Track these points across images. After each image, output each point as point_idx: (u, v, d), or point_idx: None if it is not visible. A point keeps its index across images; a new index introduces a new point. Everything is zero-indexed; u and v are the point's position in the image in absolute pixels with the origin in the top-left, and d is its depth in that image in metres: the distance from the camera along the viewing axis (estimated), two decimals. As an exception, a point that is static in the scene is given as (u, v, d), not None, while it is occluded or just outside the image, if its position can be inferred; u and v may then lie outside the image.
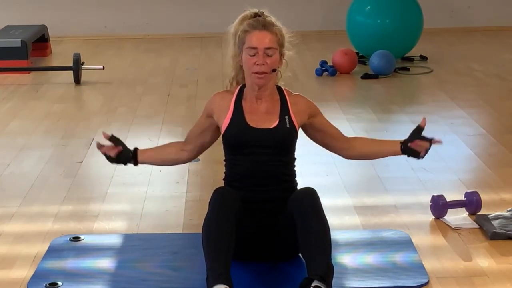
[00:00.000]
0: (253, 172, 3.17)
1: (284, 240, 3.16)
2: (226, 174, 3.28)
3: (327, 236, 3.01)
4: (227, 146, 3.25)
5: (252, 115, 3.20)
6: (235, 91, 3.26)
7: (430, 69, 6.98)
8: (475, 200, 3.75)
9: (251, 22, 3.20)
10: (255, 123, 3.18)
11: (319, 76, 6.78)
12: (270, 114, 3.20)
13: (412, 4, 7.20)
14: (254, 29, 3.18)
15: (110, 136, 3.36)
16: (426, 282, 3.10)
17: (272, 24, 3.22)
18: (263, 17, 3.24)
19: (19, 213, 3.90)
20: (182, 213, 3.85)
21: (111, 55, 7.90)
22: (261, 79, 3.15)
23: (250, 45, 3.15)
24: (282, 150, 3.20)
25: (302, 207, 3.06)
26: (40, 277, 3.17)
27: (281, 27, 3.25)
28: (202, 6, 8.80)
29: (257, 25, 3.19)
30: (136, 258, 3.35)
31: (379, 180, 4.25)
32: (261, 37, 3.15)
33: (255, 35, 3.16)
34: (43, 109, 5.86)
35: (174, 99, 6.11)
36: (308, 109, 3.27)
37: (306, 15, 8.81)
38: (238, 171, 3.21)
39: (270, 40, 3.16)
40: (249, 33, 3.17)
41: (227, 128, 3.19)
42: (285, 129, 3.19)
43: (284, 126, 3.19)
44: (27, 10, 8.61)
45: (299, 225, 3.02)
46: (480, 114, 5.58)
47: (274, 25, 3.22)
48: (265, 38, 3.15)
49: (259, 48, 3.14)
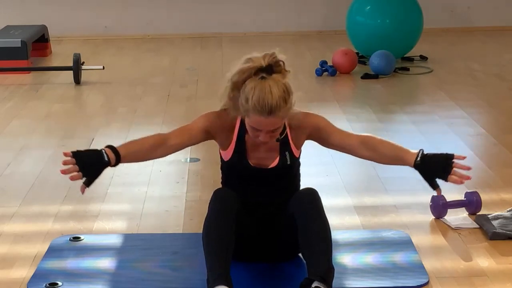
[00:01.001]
0: (253, 196, 3.16)
1: (284, 241, 3.16)
2: (223, 180, 3.27)
3: (328, 236, 3.01)
4: (225, 170, 3.21)
5: (253, 152, 3.12)
6: (237, 122, 3.11)
7: (430, 69, 6.98)
8: (475, 200, 3.75)
9: (256, 106, 2.89)
10: (256, 161, 3.11)
11: (319, 76, 6.78)
12: (271, 151, 3.10)
13: (412, 4, 7.20)
14: (260, 115, 2.90)
15: (73, 152, 3.05)
16: (426, 282, 3.10)
17: (279, 107, 2.90)
18: (269, 84, 2.90)
19: (19, 213, 3.90)
20: (182, 213, 3.85)
21: (111, 55, 7.90)
22: (264, 144, 3.09)
23: (254, 126, 2.97)
24: (283, 182, 3.17)
25: (303, 207, 3.06)
26: (40, 277, 3.17)
27: (290, 103, 2.94)
28: (202, 6, 8.80)
29: (262, 112, 2.89)
30: (136, 258, 3.34)
31: (379, 180, 4.25)
32: (266, 123, 2.93)
33: (260, 120, 2.92)
34: (43, 109, 5.86)
35: (174, 99, 6.11)
36: (309, 128, 3.13)
37: (306, 15, 8.81)
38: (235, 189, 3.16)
39: (276, 123, 2.94)
40: (254, 115, 2.92)
41: (229, 160, 3.14)
42: (286, 166, 3.12)
43: (285, 164, 3.11)
44: (27, 10, 8.61)
45: (300, 226, 3.02)
46: (480, 114, 5.58)
47: (282, 107, 2.91)
48: (270, 125, 2.93)
49: (263, 130, 2.96)
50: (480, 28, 8.79)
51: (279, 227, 3.14)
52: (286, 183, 3.18)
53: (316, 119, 3.17)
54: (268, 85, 2.89)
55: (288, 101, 2.92)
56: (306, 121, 3.13)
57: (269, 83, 2.90)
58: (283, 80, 2.93)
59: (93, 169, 3.02)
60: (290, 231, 3.07)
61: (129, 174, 4.36)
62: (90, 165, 3.01)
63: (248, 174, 3.13)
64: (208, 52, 7.99)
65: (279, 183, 3.16)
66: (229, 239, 2.98)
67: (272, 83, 2.90)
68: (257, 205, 3.16)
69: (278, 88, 2.90)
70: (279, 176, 3.15)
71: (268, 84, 2.89)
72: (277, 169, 3.13)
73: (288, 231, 3.09)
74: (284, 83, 2.93)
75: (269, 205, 3.17)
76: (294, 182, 3.23)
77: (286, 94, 2.92)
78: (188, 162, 4.56)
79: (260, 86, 2.89)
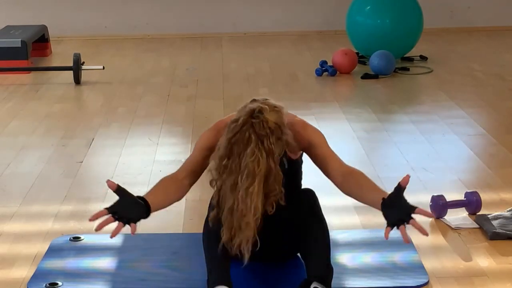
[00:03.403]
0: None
1: (284, 241, 3.15)
2: None
3: (326, 237, 3.01)
4: None
5: None
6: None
7: (430, 69, 6.98)
8: (475, 200, 3.75)
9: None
10: None
11: (319, 76, 6.78)
12: None
13: (412, 4, 7.20)
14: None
15: (117, 188, 2.89)
16: (426, 282, 3.10)
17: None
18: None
19: (19, 213, 3.90)
20: (182, 213, 3.85)
21: (111, 55, 7.90)
22: None
23: None
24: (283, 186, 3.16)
25: (301, 208, 3.06)
26: (40, 277, 3.17)
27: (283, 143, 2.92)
28: (202, 6, 8.80)
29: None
30: (136, 258, 3.35)
31: (379, 180, 4.24)
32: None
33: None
34: (43, 109, 5.86)
35: (174, 99, 6.11)
36: (301, 143, 3.08)
37: (306, 15, 8.81)
38: None
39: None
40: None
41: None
42: (284, 170, 3.02)
43: (283, 168, 3.03)
44: (27, 10, 8.62)
45: (298, 227, 3.02)
46: (480, 114, 5.58)
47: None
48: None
49: None
50: (480, 28, 8.79)
51: (278, 228, 3.14)
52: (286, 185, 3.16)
53: (313, 135, 3.11)
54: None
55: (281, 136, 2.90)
56: (302, 134, 3.08)
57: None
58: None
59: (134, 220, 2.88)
60: (289, 232, 3.07)
61: (129, 174, 4.37)
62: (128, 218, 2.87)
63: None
64: (208, 52, 7.99)
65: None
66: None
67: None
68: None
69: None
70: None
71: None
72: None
73: (288, 232, 3.09)
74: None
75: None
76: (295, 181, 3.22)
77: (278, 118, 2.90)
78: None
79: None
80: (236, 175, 2.85)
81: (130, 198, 2.88)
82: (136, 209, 2.87)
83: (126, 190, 2.88)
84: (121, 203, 2.87)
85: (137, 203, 2.87)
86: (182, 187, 3.08)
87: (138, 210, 2.87)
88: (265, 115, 2.89)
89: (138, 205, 2.87)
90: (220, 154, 2.90)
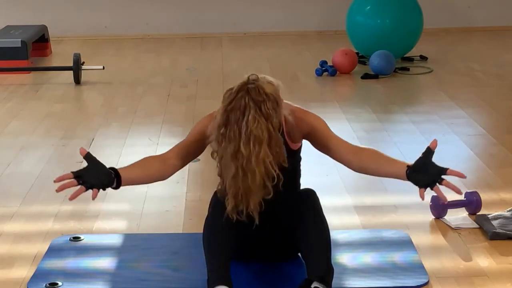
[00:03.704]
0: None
1: (284, 241, 3.15)
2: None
3: (327, 237, 3.01)
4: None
5: None
6: None
7: (430, 69, 6.98)
8: (475, 200, 3.75)
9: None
10: None
11: (319, 76, 6.78)
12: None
13: (412, 4, 7.20)
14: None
15: (86, 154, 2.91)
16: (426, 282, 3.10)
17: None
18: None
19: (19, 213, 3.90)
20: (182, 213, 3.85)
21: (111, 55, 7.90)
22: None
23: None
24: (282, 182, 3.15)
25: (302, 208, 3.06)
26: (40, 277, 3.17)
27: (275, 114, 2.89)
28: (202, 6, 8.80)
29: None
30: (136, 258, 3.35)
31: (379, 180, 4.24)
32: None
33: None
34: (43, 109, 5.86)
35: (174, 99, 6.11)
36: (305, 128, 3.09)
37: (306, 15, 8.81)
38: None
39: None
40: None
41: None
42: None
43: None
44: (27, 10, 8.61)
45: (299, 226, 3.02)
46: (480, 114, 5.58)
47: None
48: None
49: None
50: (480, 28, 8.79)
51: (278, 227, 3.14)
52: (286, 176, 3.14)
53: (314, 120, 3.13)
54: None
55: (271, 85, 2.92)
56: (303, 121, 3.09)
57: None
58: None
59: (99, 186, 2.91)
60: (289, 231, 3.07)
61: (129, 174, 4.36)
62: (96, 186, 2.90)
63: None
64: (208, 52, 7.99)
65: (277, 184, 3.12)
66: (229, 239, 2.98)
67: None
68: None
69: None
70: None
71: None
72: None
73: (288, 231, 3.09)
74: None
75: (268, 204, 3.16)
76: (294, 179, 3.21)
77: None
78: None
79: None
80: (236, 142, 2.85)
81: (99, 166, 2.90)
82: (102, 177, 2.89)
83: (97, 159, 2.91)
84: (89, 169, 2.89)
85: (105, 172, 2.90)
86: (166, 166, 3.07)
87: (105, 178, 2.89)
88: (260, 83, 2.89)
89: (106, 173, 2.90)
90: (218, 123, 2.90)
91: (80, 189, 2.87)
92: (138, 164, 3.07)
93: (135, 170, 3.03)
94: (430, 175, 2.89)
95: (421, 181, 2.89)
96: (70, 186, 2.88)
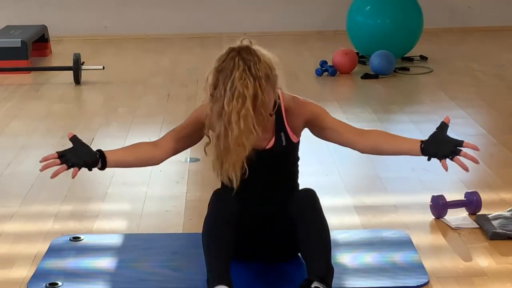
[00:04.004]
0: (250, 186, 3.10)
1: (284, 240, 3.15)
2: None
3: (327, 237, 3.00)
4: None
5: None
6: None
7: (430, 69, 6.98)
8: (475, 200, 3.75)
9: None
10: None
11: (319, 76, 6.78)
12: (265, 132, 3.03)
13: (412, 4, 7.20)
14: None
15: (72, 136, 3.01)
16: (426, 282, 3.10)
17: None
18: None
19: (19, 213, 3.90)
20: (182, 213, 3.85)
21: (111, 55, 7.90)
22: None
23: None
24: (280, 166, 3.15)
25: (302, 208, 3.05)
26: (40, 277, 3.17)
27: (267, 68, 2.93)
28: (202, 6, 8.80)
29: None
30: (136, 258, 3.34)
31: (379, 180, 4.25)
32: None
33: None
34: (43, 109, 5.86)
35: (174, 99, 6.11)
36: (305, 114, 3.12)
37: (306, 15, 8.81)
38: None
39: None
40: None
41: None
42: (281, 148, 3.08)
43: (280, 145, 3.07)
44: (27, 10, 8.61)
45: (299, 226, 3.02)
46: (480, 114, 5.58)
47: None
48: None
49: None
50: (480, 28, 8.79)
51: (278, 227, 3.14)
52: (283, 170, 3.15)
53: (314, 106, 3.16)
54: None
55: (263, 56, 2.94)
56: (303, 107, 3.12)
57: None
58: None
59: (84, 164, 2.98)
60: (289, 231, 3.07)
61: (129, 174, 4.36)
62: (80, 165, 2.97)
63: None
64: (208, 52, 7.98)
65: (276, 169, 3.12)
66: (229, 239, 2.98)
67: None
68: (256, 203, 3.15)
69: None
70: (275, 159, 3.09)
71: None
72: (273, 150, 3.07)
73: (288, 231, 3.09)
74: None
75: (268, 204, 3.16)
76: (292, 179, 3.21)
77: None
78: (188, 162, 4.56)
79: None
80: (221, 100, 2.86)
81: (84, 147, 2.96)
82: (85, 156, 2.94)
83: (82, 141, 2.97)
84: (73, 149, 2.96)
85: (89, 151, 2.95)
86: (157, 149, 3.08)
87: (89, 157, 2.94)
88: (252, 47, 2.92)
89: (90, 153, 2.95)
90: (209, 84, 2.93)
91: (62, 168, 2.93)
92: (127, 147, 3.13)
93: (123, 152, 3.08)
94: (448, 146, 2.99)
95: (440, 151, 2.97)
96: (53, 166, 2.94)
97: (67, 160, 2.93)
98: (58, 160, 2.94)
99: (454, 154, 2.97)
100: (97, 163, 2.97)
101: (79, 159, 2.94)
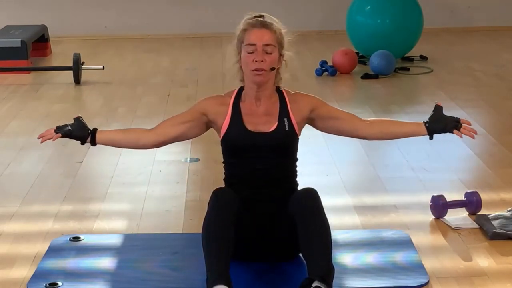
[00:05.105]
0: (252, 175, 3.16)
1: (284, 240, 3.15)
2: (226, 175, 3.27)
3: (328, 236, 3.00)
4: (225, 149, 3.24)
5: (250, 117, 3.18)
6: (232, 94, 3.25)
7: (430, 69, 6.98)
8: (475, 200, 3.75)
9: (250, 21, 3.22)
10: (254, 126, 3.17)
11: (319, 76, 6.78)
12: (269, 115, 3.18)
13: (412, 4, 7.20)
14: (253, 27, 3.19)
15: (77, 117, 3.31)
16: (426, 282, 3.10)
17: (271, 24, 3.21)
18: (263, 18, 3.23)
19: (19, 213, 3.90)
20: (182, 213, 3.85)
21: (111, 55, 7.90)
22: (259, 75, 3.14)
23: (249, 42, 3.17)
24: (281, 153, 3.19)
25: (303, 207, 3.06)
26: (40, 277, 3.17)
27: (280, 27, 3.23)
28: (202, 6, 8.80)
29: (256, 24, 3.20)
30: (136, 258, 3.34)
31: (379, 180, 4.25)
32: (260, 35, 3.16)
33: (254, 33, 3.18)
34: (43, 109, 5.86)
35: (174, 99, 6.11)
36: (309, 104, 3.25)
37: (306, 15, 8.81)
38: (237, 174, 3.21)
39: (269, 37, 3.16)
40: (248, 31, 3.19)
41: (225, 132, 3.18)
42: (284, 132, 3.17)
43: (283, 129, 3.17)
44: (27, 10, 8.61)
45: (300, 225, 3.02)
46: (480, 114, 5.58)
47: (274, 24, 3.21)
48: (264, 36, 3.16)
49: (258, 44, 3.14)
50: (480, 28, 8.79)
51: (279, 227, 3.14)
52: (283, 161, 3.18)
53: (317, 98, 3.31)
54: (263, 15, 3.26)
55: (279, 25, 3.23)
56: (307, 97, 3.27)
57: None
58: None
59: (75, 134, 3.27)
60: (290, 231, 3.07)
61: (129, 174, 4.37)
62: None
63: (246, 144, 3.15)
64: (208, 52, 7.99)
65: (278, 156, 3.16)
66: (229, 238, 2.98)
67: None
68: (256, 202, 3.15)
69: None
70: (277, 145, 3.15)
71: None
72: (275, 134, 3.15)
73: (288, 231, 3.09)
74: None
75: (268, 202, 3.17)
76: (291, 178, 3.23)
77: (278, 22, 3.26)
78: (188, 162, 4.56)
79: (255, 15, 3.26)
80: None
81: (80, 123, 3.26)
82: (77, 130, 3.25)
83: (83, 122, 3.26)
84: (70, 124, 3.27)
85: (82, 127, 3.24)
86: (149, 132, 3.26)
87: (79, 131, 3.24)
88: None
89: (83, 129, 3.24)
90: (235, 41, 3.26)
91: (50, 134, 3.28)
92: (119, 128, 3.45)
93: (114, 131, 3.35)
94: (451, 120, 3.24)
95: (448, 125, 3.23)
96: (47, 134, 3.30)
97: (60, 129, 3.25)
98: (52, 130, 3.27)
99: (458, 125, 3.21)
100: (86, 138, 3.23)
101: (70, 131, 3.24)
